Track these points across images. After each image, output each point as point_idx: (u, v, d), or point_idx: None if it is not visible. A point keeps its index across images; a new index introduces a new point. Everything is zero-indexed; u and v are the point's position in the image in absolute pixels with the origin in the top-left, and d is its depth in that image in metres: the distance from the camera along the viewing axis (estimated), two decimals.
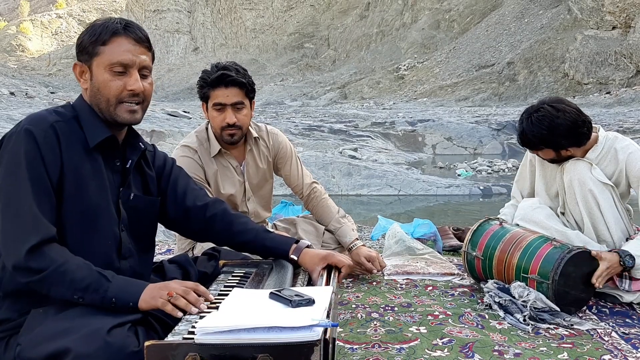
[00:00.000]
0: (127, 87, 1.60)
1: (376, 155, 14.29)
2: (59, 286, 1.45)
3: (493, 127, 18.03)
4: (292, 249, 1.87)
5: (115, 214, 1.65)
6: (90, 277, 1.47)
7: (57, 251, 1.48)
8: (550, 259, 2.43)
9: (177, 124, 16.21)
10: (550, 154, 2.66)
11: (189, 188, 1.90)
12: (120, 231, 1.66)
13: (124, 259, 1.67)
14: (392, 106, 31.60)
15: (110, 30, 1.59)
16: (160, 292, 1.50)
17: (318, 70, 51.27)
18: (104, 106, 1.61)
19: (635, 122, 17.12)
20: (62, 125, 1.56)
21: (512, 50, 34.64)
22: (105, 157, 1.64)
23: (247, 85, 2.68)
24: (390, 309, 2.51)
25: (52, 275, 1.45)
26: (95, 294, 1.45)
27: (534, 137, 2.61)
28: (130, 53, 1.60)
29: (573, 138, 2.60)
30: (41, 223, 1.47)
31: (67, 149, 1.55)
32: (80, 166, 1.57)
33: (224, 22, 60.26)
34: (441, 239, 3.69)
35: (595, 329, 2.28)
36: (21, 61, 66.21)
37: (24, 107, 16.93)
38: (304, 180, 3.01)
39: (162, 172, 1.86)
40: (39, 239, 1.45)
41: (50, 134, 1.53)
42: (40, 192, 1.49)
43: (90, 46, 1.60)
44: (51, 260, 1.46)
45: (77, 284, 1.45)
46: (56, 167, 1.53)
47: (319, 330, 1.24)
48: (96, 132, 1.61)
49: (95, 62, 1.60)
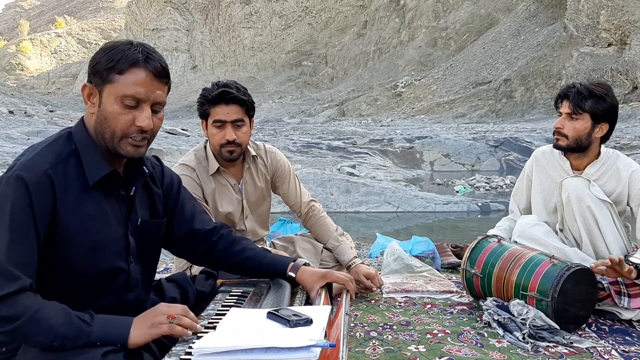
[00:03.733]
0: (137, 123, 1.51)
1: (374, 172, 14.29)
2: (36, 335, 1.36)
3: (490, 143, 18.07)
4: (290, 267, 1.86)
5: (124, 246, 1.61)
6: (69, 324, 1.37)
7: (31, 299, 1.38)
8: (550, 276, 2.43)
9: (176, 142, 16.23)
10: (585, 123, 2.65)
11: (196, 211, 1.88)
12: (129, 263, 1.62)
13: (130, 291, 1.64)
14: (390, 123, 31.68)
15: (130, 60, 1.49)
16: (157, 318, 1.43)
17: (316, 87, 51.50)
18: (108, 137, 1.52)
19: (632, 139, 17.16)
20: (58, 168, 1.49)
21: (508, 67, 34.82)
22: (108, 190, 1.58)
23: (248, 103, 2.69)
24: (389, 328, 2.49)
25: (27, 324, 1.35)
26: (76, 341, 1.37)
27: (587, 90, 2.64)
28: (146, 88, 1.50)
29: (613, 116, 2.68)
30: (13, 275, 1.37)
31: (63, 193, 1.48)
32: (81, 206, 1.51)
33: (222, 40, 60.63)
34: (440, 257, 3.68)
35: (595, 347, 2.27)
36: (20, 80, 66.46)
37: (22, 126, 16.96)
38: (302, 198, 3.01)
39: (170, 192, 1.81)
40: (11, 289, 1.35)
41: (43, 181, 1.45)
42: (19, 242, 1.40)
43: (105, 72, 1.50)
44: (24, 307, 1.36)
45: (55, 332, 1.36)
46: (47, 217, 1.45)
47: (317, 350, 1.23)
48: (96, 169, 1.54)
49: (107, 90, 1.50)
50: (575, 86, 2.69)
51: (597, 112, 2.62)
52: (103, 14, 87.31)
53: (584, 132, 2.65)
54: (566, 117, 2.69)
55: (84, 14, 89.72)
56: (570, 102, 2.67)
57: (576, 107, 2.65)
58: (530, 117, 29.65)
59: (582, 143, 2.67)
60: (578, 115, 2.65)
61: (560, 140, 2.71)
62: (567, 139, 2.68)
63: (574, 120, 2.66)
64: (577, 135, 2.66)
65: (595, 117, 2.63)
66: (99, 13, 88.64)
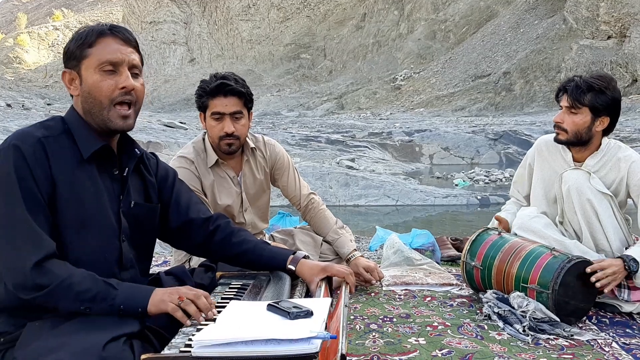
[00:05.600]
0: (119, 85, 1.57)
1: (373, 166, 14.30)
2: (66, 300, 1.45)
3: (490, 137, 18.08)
4: (290, 260, 1.86)
5: (116, 224, 1.63)
6: (96, 288, 1.46)
7: (60, 266, 1.47)
8: (550, 269, 2.42)
9: (174, 135, 16.22)
10: (584, 117, 2.63)
11: (192, 201, 1.90)
12: (121, 242, 1.65)
13: (125, 269, 1.66)
14: (389, 116, 31.62)
15: (97, 32, 1.57)
16: (171, 296, 1.50)
17: (315, 80, 51.37)
18: (96, 110, 1.58)
19: (632, 131, 17.17)
20: (50, 140, 1.54)
21: (508, 60, 34.76)
22: (101, 167, 1.62)
23: (246, 95, 2.67)
24: (389, 320, 2.49)
25: (57, 290, 1.44)
26: (102, 303, 1.45)
27: (586, 84, 2.61)
28: (119, 51, 1.57)
29: (614, 110, 2.64)
30: (42, 239, 1.46)
31: (57, 163, 1.52)
32: (74, 179, 1.55)
33: (220, 33, 60.40)
34: (439, 249, 3.68)
35: (596, 340, 2.27)
36: (18, 73, 66.26)
37: (20, 119, 16.93)
38: (302, 191, 3.00)
39: (165, 183, 1.84)
40: (42, 255, 1.44)
41: (38, 148, 1.50)
42: (35, 208, 1.47)
43: (78, 50, 1.57)
44: (55, 275, 1.45)
45: (84, 295, 1.45)
46: (46, 182, 1.50)
47: (317, 342, 1.22)
48: (89, 143, 1.58)
49: (83, 65, 1.57)
50: (575, 80, 2.67)
51: (596, 105, 2.60)
52: (100, 7, 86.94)
53: (584, 126, 2.64)
54: (566, 111, 2.67)
55: (82, 7, 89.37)
56: (569, 96, 2.65)
57: (575, 102, 2.63)
58: (529, 110, 29.64)
59: (582, 137, 2.66)
60: (577, 109, 2.63)
61: (560, 134, 2.70)
62: (567, 133, 2.67)
63: (574, 114, 2.64)
64: (577, 130, 2.65)
65: (595, 111, 2.61)
66: (96, 6, 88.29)
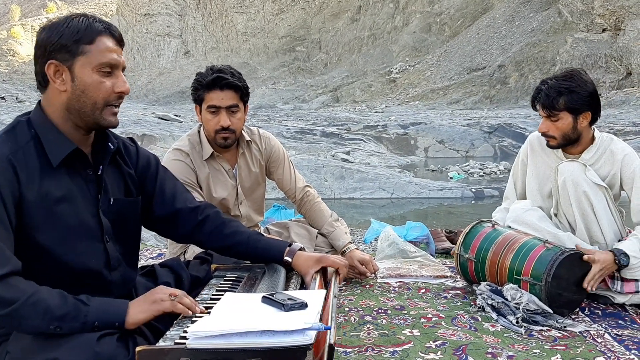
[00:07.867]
0: (116, 89, 1.54)
1: (369, 159, 14.30)
2: (32, 318, 1.35)
3: (485, 129, 18.09)
4: (286, 252, 1.86)
5: (97, 226, 1.59)
6: (65, 305, 1.38)
7: (26, 283, 1.39)
8: (543, 261, 2.44)
9: (169, 128, 16.18)
10: (565, 120, 2.62)
11: (177, 190, 1.85)
12: (105, 243, 1.61)
13: (114, 269, 1.63)
14: (384, 109, 31.60)
15: (96, 30, 1.51)
16: (159, 295, 1.48)
17: (310, 73, 51.26)
18: (88, 110, 1.52)
19: (625, 125, 17.20)
20: (19, 155, 1.46)
21: (503, 53, 34.74)
22: (73, 171, 1.55)
23: (242, 88, 2.66)
24: (384, 312, 2.50)
25: (23, 307, 1.34)
26: (74, 322, 1.37)
27: (554, 90, 2.59)
28: (116, 54, 1.54)
29: (593, 102, 2.61)
30: (8, 257, 1.38)
31: (27, 179, 1.46)
32: (46, 190, 1.48)
33: (215, 25, 60.14)
34: (434, 242, 3.69)
35: (588, 331, 2.28)
36: (12, 66, 65.81)
37: (14, 112, 16.84)
38: (297, 183, 3.01)
39: (147, 172, 1.79)
40: (6, 271, 1.35)
41: (5, 166, 1.43)
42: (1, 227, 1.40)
43: (73, 45, 1.49)
44: (20, 290, 1.36)
45: (52, 313, 1.36)
46: (15, 200, 1.43)
47: (312, 334, 1.23)
48: (59, 149, 1.51)
49: (79, 62, 1.50)
50: (542, 89, 2.65)
51: (572, 106, 2.60)
52: None
53: (568, 128, 2.64)
54: (546, 120, 2.68)
55: None
56: (543, 107, 2.66)
57: (550, 110, 2.63)
58: (524, 103, 29.62)
59: (570, 138, 2.67)
60: (555, 115, 2.63)
61: (550, 141, 2.72)
62: (556, 139, 2.69)
63: (554, 121, 2.65)
64: (563, 133, 2.66)
65: (574, 111, 2.61)
66: None
